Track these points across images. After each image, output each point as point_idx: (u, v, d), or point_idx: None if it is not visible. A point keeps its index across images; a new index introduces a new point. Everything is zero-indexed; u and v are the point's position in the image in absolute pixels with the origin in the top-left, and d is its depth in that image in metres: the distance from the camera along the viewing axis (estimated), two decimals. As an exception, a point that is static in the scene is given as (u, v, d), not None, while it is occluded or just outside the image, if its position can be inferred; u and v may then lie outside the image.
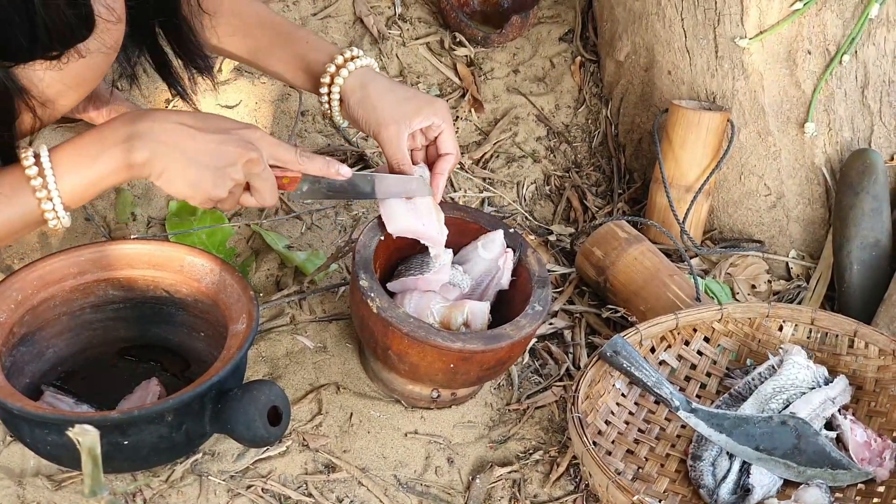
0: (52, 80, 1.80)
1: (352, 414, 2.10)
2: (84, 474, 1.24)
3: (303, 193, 1.97)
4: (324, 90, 2.09)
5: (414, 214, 2.04)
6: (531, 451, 2.12)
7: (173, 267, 2.08)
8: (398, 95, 2.07)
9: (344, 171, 1.96)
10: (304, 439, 2.05)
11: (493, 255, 2.10)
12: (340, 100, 2.09)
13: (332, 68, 2.08)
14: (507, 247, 2.11)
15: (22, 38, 1.62)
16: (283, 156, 1.91)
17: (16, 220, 1.82)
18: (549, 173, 2.64)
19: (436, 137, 2.09)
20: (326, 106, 2.10)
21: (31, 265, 2.04)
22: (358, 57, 2.09)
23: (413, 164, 2.06)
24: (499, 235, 2.10)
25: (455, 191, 2.53)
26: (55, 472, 1.96)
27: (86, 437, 1.24)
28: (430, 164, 2.10)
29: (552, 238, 2.51)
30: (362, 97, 2.07)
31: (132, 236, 2.32)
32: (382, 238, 2.05)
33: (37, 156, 1.80)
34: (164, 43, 2.08)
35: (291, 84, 2.18)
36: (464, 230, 2.13)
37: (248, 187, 1.90)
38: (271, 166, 1.90)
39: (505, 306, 2.11)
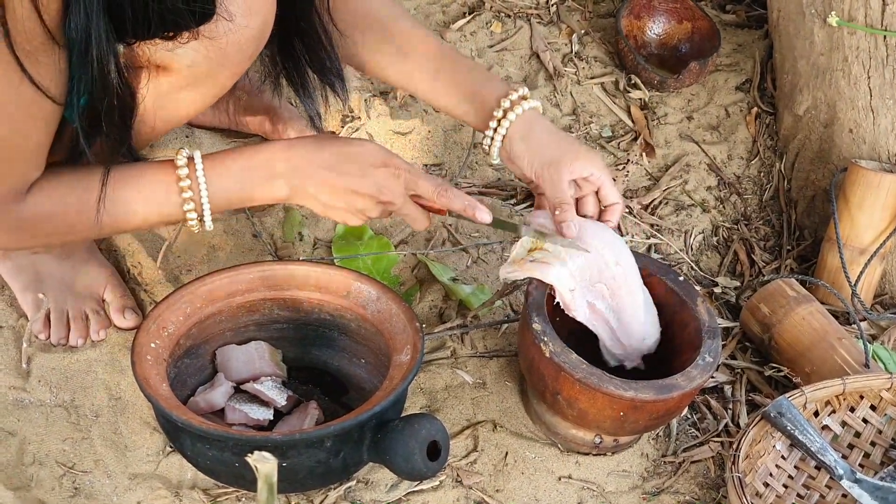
0: (195, 60, 1.81)
1: (507, 453, 2.09)
2: (258, 500, 1.24)
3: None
4: (493, 124, 2.08)
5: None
6: (684, 507, 2.09)
7: (340, 291, 2.09)
8: (560, 139, 2.07)
9: (482, 217, 1.96)
10: (457, 475, 2.05)
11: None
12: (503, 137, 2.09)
13: (507, 104, 2.07)
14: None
15: (135, 18, 1.62)
16: (422, 190, 1.95)
17: (154, 217, 1.89)
18: (718, 224, 2.60)
19: (597, 191, 2.08)
20: (489, 141, 2.10)
21: (202, 279, 2.07)
22: (527, 98, 2.08)
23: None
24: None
25: (622, 235, 2.50)
26: (211, 487, 1.98)
27: (264, 465, 1.24)
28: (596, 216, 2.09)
29: (717, 290, 2.47)
30: (526, 134, 2.06)
31: (300, 258, 2.34)
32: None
33: (190, 159, 1.87)
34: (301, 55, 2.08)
35: (450, 112, 2.17)
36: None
37: None
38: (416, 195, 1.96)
39: (671, 356, 2.08)
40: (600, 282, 2.01)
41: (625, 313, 2.04)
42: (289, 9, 1.95)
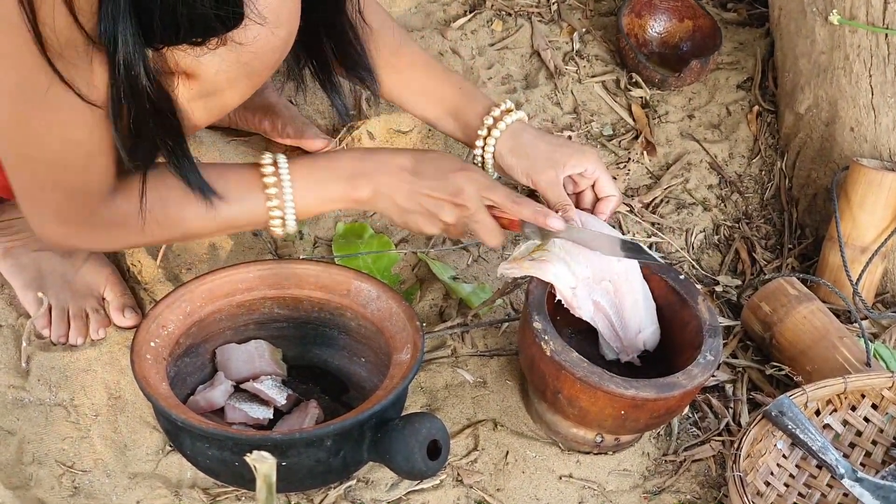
0: (221, 67, 1.78)
1: (508, 452, 2.08)
2: (258, 500, 1.23)
3: (528, 234, 1.98)
4: (479, 143, 2.10)
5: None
6: (685, 506, 2.08)
7: (340, 290, 2.09)
8: (550, 142, 2.08)
9: (553, 224, 1.93)
10: (458, 474, 2.04)
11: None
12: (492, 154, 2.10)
13: (490, 121, 2.09)
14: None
15: (163, 23, 1.61)
16: (495, 198, 1.95)
17: (240, 218, 1.92)
18: (719, 223, 2.59)
19: (593, 185, 2.08)
20: (480, 158, 2.12)
21: (202, 277, 2.06)
22: (512, 111, 2.10)
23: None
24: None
25: (623, 234, 2.50)
26: (211, 486, 1.98)
27: (263, 464, 1.24)
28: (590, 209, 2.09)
29: (718, 289, 2.47)
30: (515, 146, 2.08)
31: (300, 256, 2.33)
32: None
33: (275, 163, 1.90)
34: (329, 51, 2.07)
35: (438, 129, 2.19)
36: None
37: None
38: (490, 207, 1.95)
39: (672, 355, 2.07)
40: (605, 279, 2.01)
41: (625, 309, 2.04)
42: (320, 13, 1.95)
